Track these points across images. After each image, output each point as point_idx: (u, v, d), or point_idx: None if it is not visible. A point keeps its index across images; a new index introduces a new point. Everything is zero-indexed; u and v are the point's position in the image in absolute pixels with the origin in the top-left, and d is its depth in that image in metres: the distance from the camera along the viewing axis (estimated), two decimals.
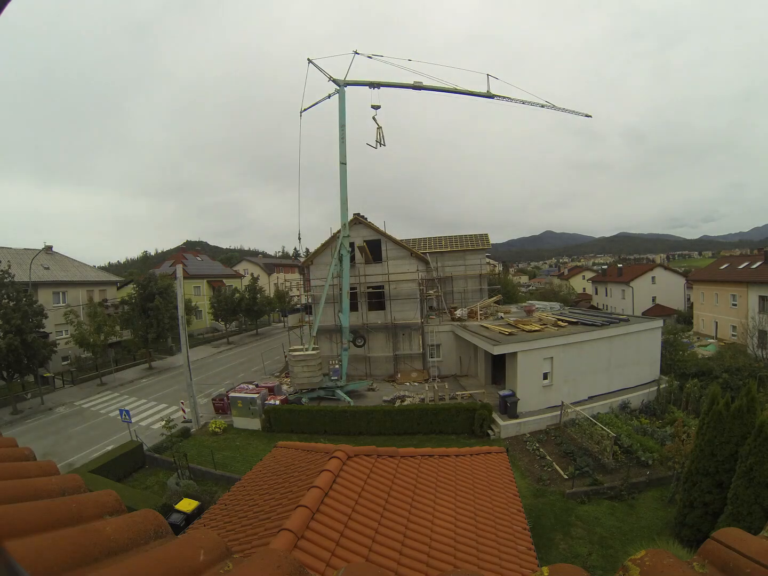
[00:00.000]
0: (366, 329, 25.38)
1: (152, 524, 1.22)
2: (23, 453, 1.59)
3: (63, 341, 31.12)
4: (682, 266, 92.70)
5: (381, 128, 21.73)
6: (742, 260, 38.64)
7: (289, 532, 3.29)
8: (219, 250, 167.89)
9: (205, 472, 14.32)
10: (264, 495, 5.13)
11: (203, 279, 50.71)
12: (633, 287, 49.37)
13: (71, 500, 1.22)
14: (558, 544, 10.44)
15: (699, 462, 9.82)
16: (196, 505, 10.68)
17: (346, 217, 21.55)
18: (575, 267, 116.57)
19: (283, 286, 51.54)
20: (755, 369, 21.01)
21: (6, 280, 22.96)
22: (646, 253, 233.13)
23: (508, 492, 6.21)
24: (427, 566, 3.76)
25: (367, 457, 5.30)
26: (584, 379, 18.57)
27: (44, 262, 34.54)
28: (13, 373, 22.86)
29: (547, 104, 23.23)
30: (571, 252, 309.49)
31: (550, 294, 62.19)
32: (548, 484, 13.04)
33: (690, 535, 9.71)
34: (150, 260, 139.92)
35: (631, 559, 1.10)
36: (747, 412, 9.19)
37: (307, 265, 27.39)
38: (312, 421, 17.69)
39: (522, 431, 16.57)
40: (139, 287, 32.18)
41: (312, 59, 21.02)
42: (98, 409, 23.26)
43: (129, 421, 16.64)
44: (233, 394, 19.56)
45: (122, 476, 14.51)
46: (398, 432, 16.89)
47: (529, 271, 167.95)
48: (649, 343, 20.69)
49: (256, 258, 78.45)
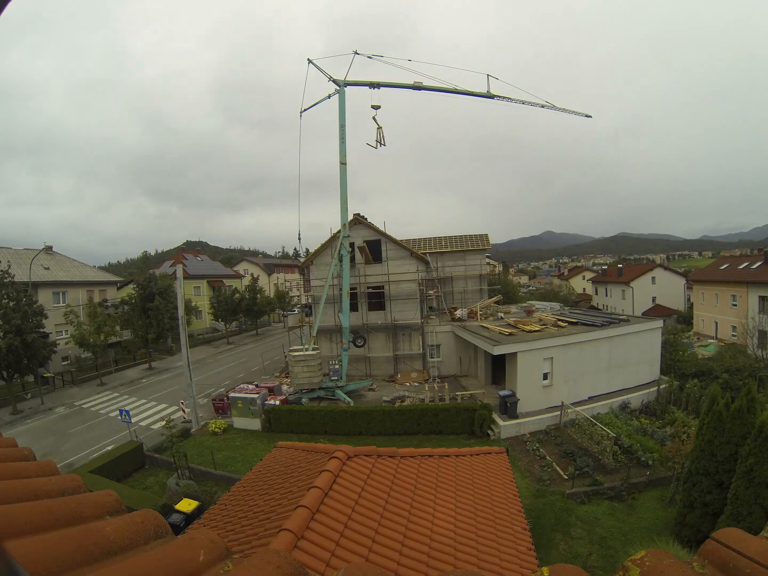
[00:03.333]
0: (366, 329, 25.38)
1: (152, 524, 1.22)
2: (23, 453, 1.59)
3: (63, 341, 31.09)
4: (682, 266, 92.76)
5: (381, 128, 21.76)
6: (742, 260, 38.64)
7: (289, 533, 3.29)
8: (219, 250, 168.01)
9: (205, 473, 14.31)
10: (264, 495, 5.13)
11: (203, 279, 50.70)
12: (633, 287, 49.37)
13: (71, 500, 1.22)
14: (558, 544, 10.44)
15: (699, 462, 9.82)
16: (196, 506, 10.67)
17: (346, 218, 21.55)
18: (575, 267, 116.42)
19: (283, 287, 51.60)
20: (755, 369, 21.00)
21: (6, 280, 22.95)
22: (646, 253, 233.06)
23: (508, 492, 6.21)
24: (427, 566, 3.76)
25: (367, 457, 5.29)
26: (584, 379, 18.56)
27: (44, 262, 34.52)
28: (13, 373, 22.86)
29: (547, 104, 23.24)
30: (571, 252, 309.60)
31: (550, 294, 62.18)
32: (548, 485, 13.03)
33: (690, 536, 9.71)
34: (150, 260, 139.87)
35: (631, 560, 1.10)
36: (747, 412, 9.19)
37: (307, 266, 27.39)
38: (312, 421, 17.68)
39: (522, 431, 16.56)
40: (139, 287, 32.20)
41: (312, 59, 21.04)
42: (98, 409, 23.26)
43: (129, 421, 16.64)
44: (233, 395, 19.56)
45: (122, 476, 14.51)
46: (398, 432, 16.89)
47: (529, 271, 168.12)
48: (649, 343, 20.68)
49: (256, 258, 78.45)
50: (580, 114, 24.73)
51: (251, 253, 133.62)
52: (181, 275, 19.12)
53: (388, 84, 21.66)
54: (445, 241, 33.46)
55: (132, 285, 35.75)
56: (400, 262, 25.57)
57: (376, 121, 21.60)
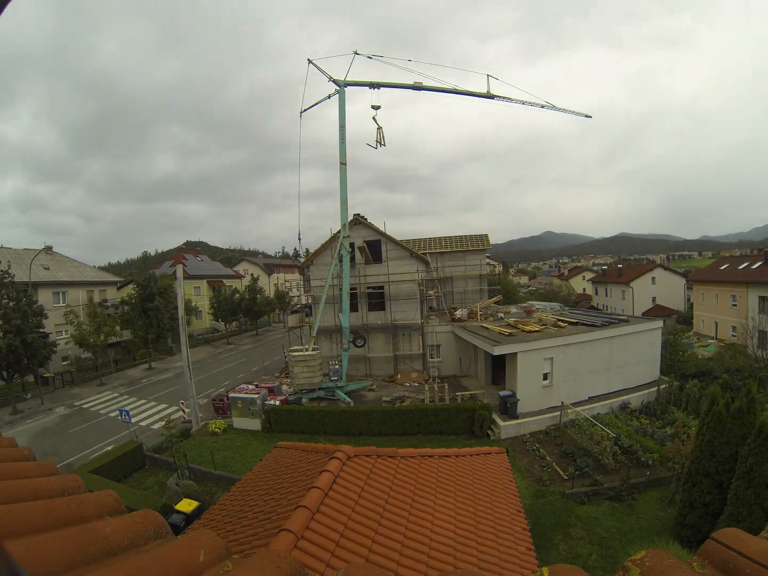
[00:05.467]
0: (366, 329, 25.38)
1: (152, 524, 1.22)
2: (23, 453, 1.59)
3: (63, 341, 31.09)
4: (682, 266, 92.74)
5: (381, 128, 21.78)
6: (742, 261, 38.64)
7: (289, 533, 3.29)
8: (219, 250, 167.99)
9: (204, 473, 14.30)
10: (264, 495, 5.13)
11: (203, 279, 50.72)
12: (633, 288, 49.37)
13: (71, 500, 1.22)
14: (558, 544, 10.43)
15: (699, 462, 9.82)
16: (196, 506, 10.65)
17: (346, 218, 21.55)
18: (575, 267, 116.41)
19: (283, 287, 51.60)
20: (755, 369, 21.01)
21: (6, 280, 22.95)
22: (646, 253, 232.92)
23: (508, 492, 6.21)
24: (427, 566, 3.76)
25: (367, 457, 5.29)
26: (584, 379, 18.56)
27: (44, 262, 34.53)
28: (13, 373, 22.86)
29: (547, 104, 23.24)
30: (571, 252, 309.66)
31: (550, 294, 62.26)
32: (548, 485, 13.02)
33: (690, 536, 9.71)
34: (150, 260, 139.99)
35: (631, 560, 1.10)
36: (747, 412, 9.20)
37: (307, 266, 27.40)
38: (312, 421, 17.68)
39: (522, 432, 16.55)
40: (139, 287, 32.21)
41: (312, 59, 21.04)
42: (98, 409, 23.26)
43: (129, 421, 16.63)
44: (233, 395, 19.55)
45: (122, 476, 14.50)
46: (398, 432, 16.88)
47: (529, 271, 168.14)
48: (649, 343, 20.67)
49: (256, 258, 78.49)
50: (580, 114, 24.74)
51: (251, 253, 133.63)
52: (181, 275, 19.12)
53: (388, 84, 21.67)
54: (445, 242, 33.48)
55: (132, 285, 35.75)
56: (400, 263, 25.57)
57: (376, 121, 21.61)
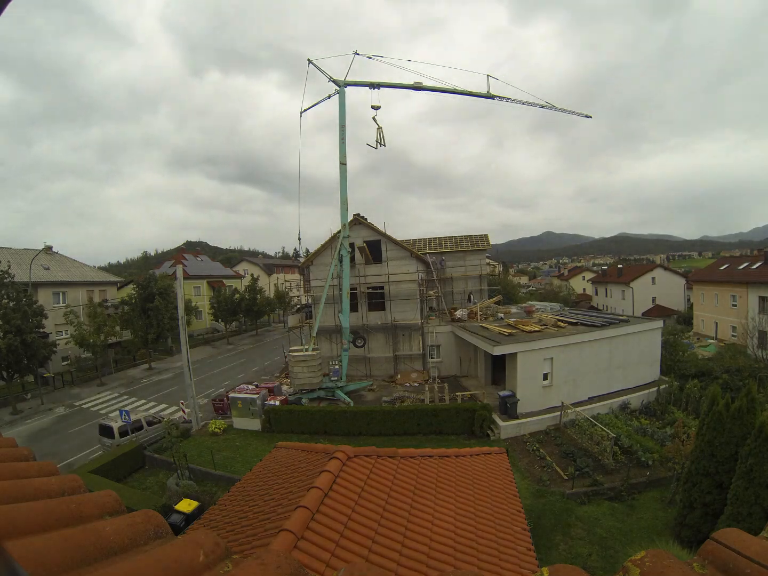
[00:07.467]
0: (366, 330, 25.37)
1: (152, 524, 1.22)
2: (23, 453, 1.59)
3: (63, 341, 31.11)
4: (682, 267, 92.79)
5: (381, 128, 21.76)
6: (742, 261, 38.66)
7: (289, 533, 3.29)
8: (219, 250, 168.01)
9: (204, 473, 14.30)
10: (264, 495, 5.12)
11: (203, 279, 50.72)
12: (633, 288, 49.39)
13: (71, 500, 1.22)
14: (558, 544, 10.43)
15: (699, 462, 9.82)
16: (196, 506, 10.65)
17: (346, 218, 21.54)
18: (575, 267, 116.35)
19: (283, 287, 51.62)
20: (755, 369, 20.99)
21: (6, 280, 22.95)
22: (646, 253, 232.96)
23: (508, 492, 6.21)
24: (427, 566, 3.76)
25: (367, 457, 5.29)
26: (584, 379, 18.56)
27: (44, 262, 34.53)
28: (13, 374, 22.86)
29: (547, 105, 23.24)
30: (571, 252, 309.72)
31: (550, 294, 62.28)
32: (548, 485, 13.02)
33: (690, 536, 9.71)
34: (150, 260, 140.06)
35: (632, 560, 1.10)
36: (747, 412, 9.19)
37: (307, 266, 27.39)
38: (312, 421, 17.68)
39: (522, 432, 16.55)
40: (139, 287, 32.21)
41: (312, 59, 21.03)
42: (98, 409, 23.26)
43: (129, 421, 16.63)
44: (233, 395, 19.55)
45: (122, 477, 14.50)
46: (398, 433, 16.88)
47: (529, 271, 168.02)
48: (649, 343, 20.67)
49: (256, 258, 78.48)
50: (580, 114, 24.74)
51: (251, 254, 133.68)
52: (181, 275, 19.11)
53: (388, 84, 21.67)
54: (445, 242, 33.49)
55: (132, 285, 35.76)
56: (400, 263, 25.56)
57: (376, 121, 21.59)
